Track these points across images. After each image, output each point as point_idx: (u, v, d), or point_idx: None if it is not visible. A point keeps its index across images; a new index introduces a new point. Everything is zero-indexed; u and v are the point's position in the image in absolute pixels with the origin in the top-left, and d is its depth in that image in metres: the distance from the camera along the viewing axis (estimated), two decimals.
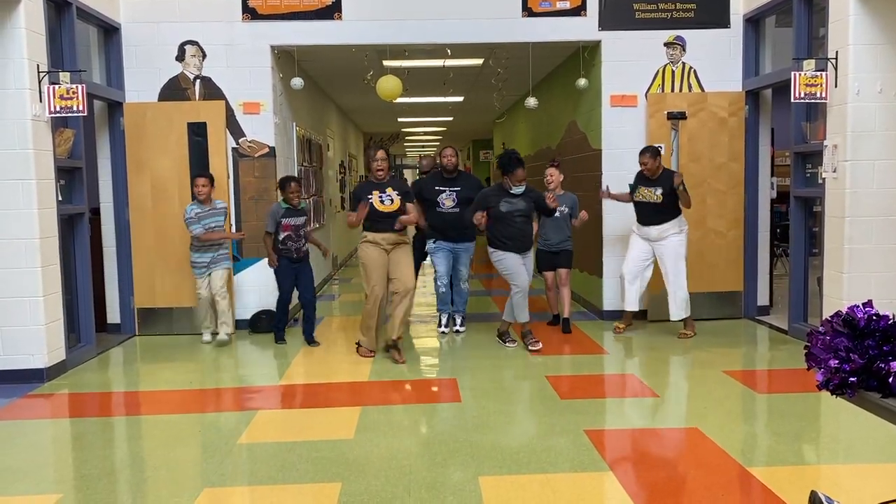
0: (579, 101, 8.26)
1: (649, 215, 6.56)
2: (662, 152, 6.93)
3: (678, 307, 6.62)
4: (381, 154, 6.18)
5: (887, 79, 5.63)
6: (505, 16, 7.20)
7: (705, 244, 7.30)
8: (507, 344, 6.44)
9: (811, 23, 6.35)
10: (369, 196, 6.02)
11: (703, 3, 7.21)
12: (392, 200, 6.03)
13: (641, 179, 6.60)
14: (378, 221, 6.01)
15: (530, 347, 6.27)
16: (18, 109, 5.46)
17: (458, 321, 7.29)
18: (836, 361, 2.05)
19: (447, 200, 6.91)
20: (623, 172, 7.35)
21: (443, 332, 7.14)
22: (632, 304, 6.80)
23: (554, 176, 7.18)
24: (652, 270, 6.75)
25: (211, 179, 6.71)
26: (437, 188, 6.92)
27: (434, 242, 7.01)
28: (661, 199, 6.45)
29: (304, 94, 8.79)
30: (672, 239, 6.54)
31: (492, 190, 6.49)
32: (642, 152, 6.53)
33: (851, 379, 2.03)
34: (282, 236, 6.55)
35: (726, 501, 3.34)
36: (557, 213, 6.96)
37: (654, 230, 6.57)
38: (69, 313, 6.09)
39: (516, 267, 6.23)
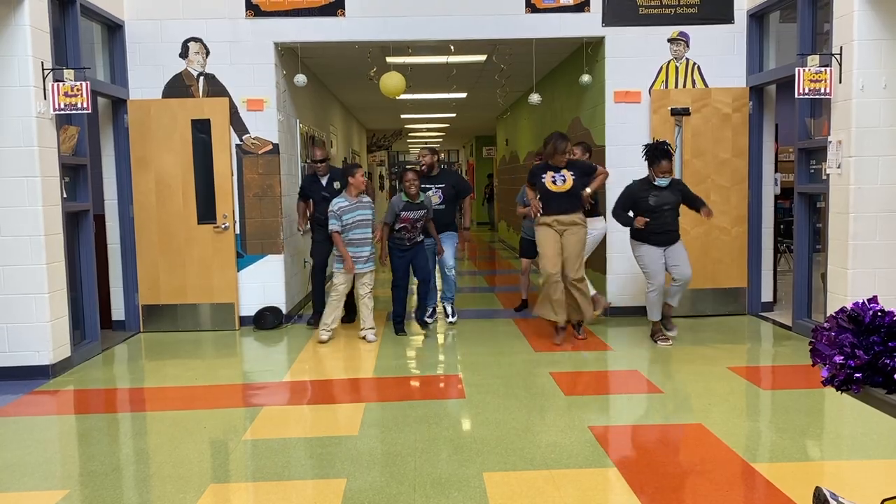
0: (583, 98, 8.25)
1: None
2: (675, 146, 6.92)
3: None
4: (569, 146, 6.37)
5: (892, 74, 5.61)
6: (508, 12, 7.19)
7: (709, 240, 7.29)
8: (660, 343, 6.35)
9: (815, 18, 6.33)
10: (543, 176, 6.25)
11: None
12: (565, 180, 6.20)
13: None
14: (551, 202, 6.20)
15: (660, 343, 6.29)
16: (23, 107, 5.47)
17: (449, 311, 7.41)
18: (841, 357, 2.05)
19: (434, 197, 7.10)
20: (626, 168, 7.34)
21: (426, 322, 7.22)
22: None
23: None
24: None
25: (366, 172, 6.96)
26: (423, 186, 6.99)
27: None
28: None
29: (307, 91, 8.79)
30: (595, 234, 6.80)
31: (637, 183, 6.36)
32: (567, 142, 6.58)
33: (856, 375, 2.02)
34: (398, 227, 6.63)
35: (731, 497, 3.34)
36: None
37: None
38: (74, 310, 6.11)
39: (655, 265, 6.19)
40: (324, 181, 7.21)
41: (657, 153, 6.16)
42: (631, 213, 6.28)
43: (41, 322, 5.59)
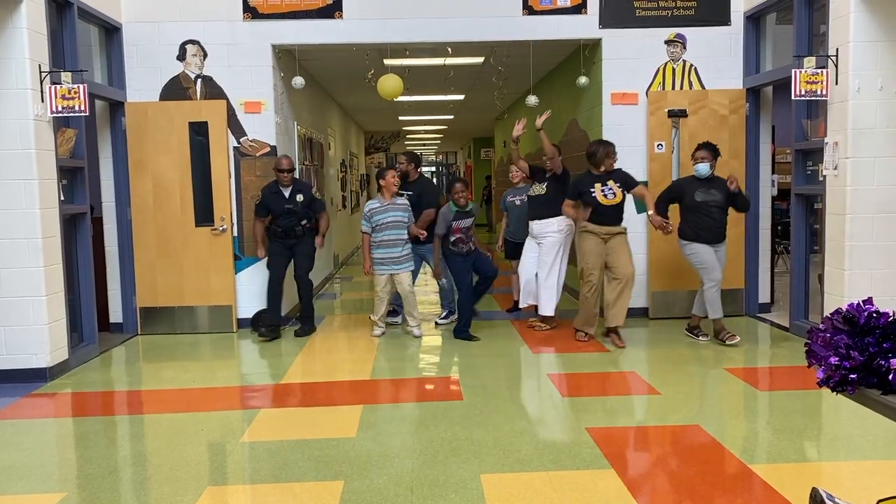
0: (580, 100, 8.27)
1: (534, 209, 6.96)
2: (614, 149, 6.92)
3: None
4: (612, 150, 6.41)
5: (888, 76, 5.63)
6: (505, 14, 7.21)
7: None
8: (700, 338, 6.38)
9: (812, 20, 6.35)
10: (591, 189, 6.29)
11: (703, 0, 7.21)
12: (615, 194, 6.27)
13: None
14: (602, 215, 6.28)
15: (728, 342, 6.21)
16: (20, 109, 5.47)
17: (444, 314, 7.53)
18: (837, 359, 2.06)
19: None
20: (624, 170, 7.35)
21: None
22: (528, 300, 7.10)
23: (518, 170, 7.26)
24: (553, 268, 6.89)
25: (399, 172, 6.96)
26: (399, 192, 7.07)
27: None
28: (545, 191, 6.82)
29: (305, 93, 8.80)
30: (550, 237, 6.83)
31: (684, 180, 6.41)
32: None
33: (852, 376, 2.03)
34: (453, 238, 6.60)
35: (728, 498, 3.34)
36: (518, 203, 7.35)
37: (535, 225, 6.92)
38: (72, 313, 6.10)
39: (711, 260, 6.16)
40: (286, 193, 6.90)
41: (698, 146, 6.30)
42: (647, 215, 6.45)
43: (39, 325, 5.59)
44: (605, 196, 6.27)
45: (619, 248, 6.32)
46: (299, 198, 6.93)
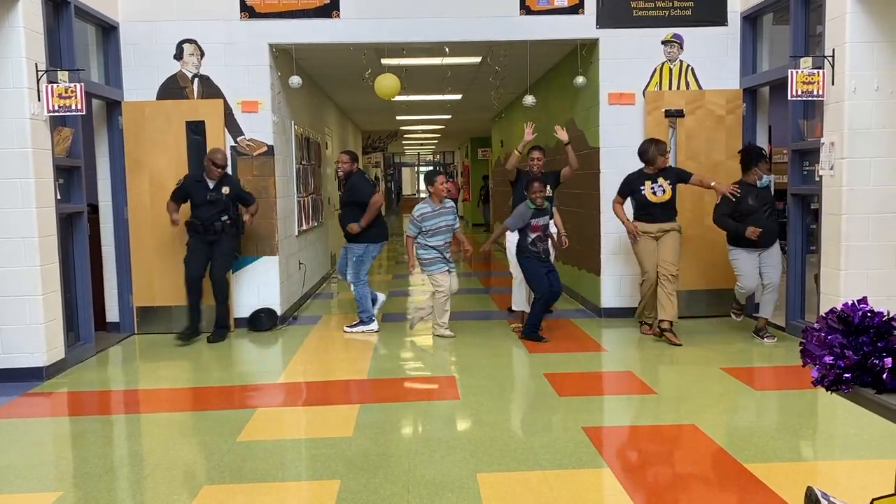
0: (577, 99, 8.27)
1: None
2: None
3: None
4: (663, 147, 6.49)
5: (884, 76, 5.64)
6: (503, 14, 7.21)
7: (703, 242, 7.30)
8: (766, 340, 6.43)
9: (808, 20, 6.36)
10: (642, 187, 6.37)
11: (700, 0, 7.22)
12: (665, 191, 6.36)
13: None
14: (651, 213, 6.40)
15: (765, 341, 6.41)
16: (17, 108, 5.46)
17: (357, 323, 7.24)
18: (831, 358, 2.06)
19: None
20: (621, 170, 7.35)
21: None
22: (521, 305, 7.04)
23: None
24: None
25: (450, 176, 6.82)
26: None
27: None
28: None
29: (302, 93, 8.80)
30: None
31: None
32: (536, 148, 7.06)
33: (846, 375, 2.04)
34: (531, 238, 6.50)
35: (723, 497, 3.35)
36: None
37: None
38: (68, 312, 6.09)
39: (745, 268, 6.31)
40: (211, 184, 6.70)
41: (754, 155, 6.32)
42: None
43: (35, 324, 5.58)
44: (655, 194, 6.40)
45: (665, 245, 6.42)
46: (225, 190, 6.70)
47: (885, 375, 1.99)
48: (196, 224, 6.71)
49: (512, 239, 6.84)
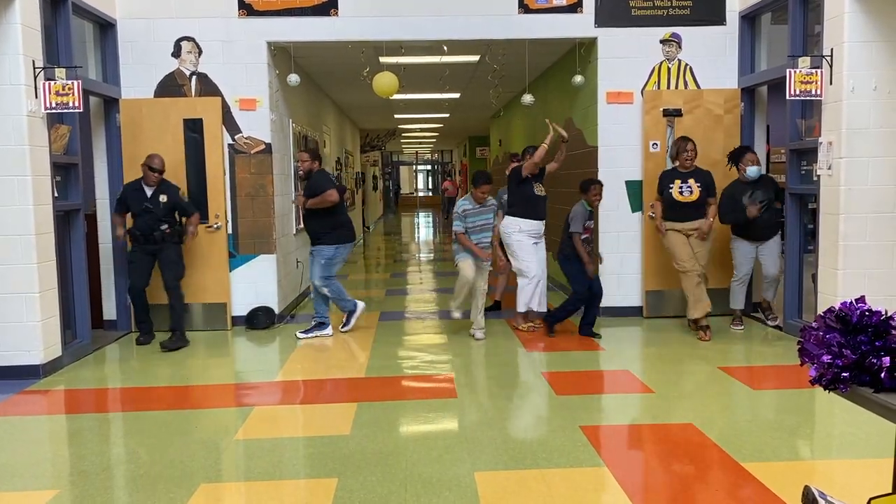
0: (575, 98, 8.27)
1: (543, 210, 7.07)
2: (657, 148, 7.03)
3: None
4: (690, 146, 6.60)
5: (882, 76, 5.64)
6: (501, 12, 7.20)
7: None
8: (769, 320, 6.84)
9: (806, 20, 6.36)
10: (671, 185, 6.55)
11: (699, 0, 7.22)
12: (692, 191, 6.52)
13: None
14: (678, 212, 6.57)
15: (732, 328, 6.81)
16: (14, 105, 5.45)
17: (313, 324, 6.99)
18: (829, 357, 2.06)
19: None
20: (619, 169, 7.38)
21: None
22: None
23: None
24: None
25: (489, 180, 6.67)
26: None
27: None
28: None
29: (300, 91, 8.79)
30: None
31: (731, 186, 6.66)
32: (526, 151, 7.25)
33: (844, 374, 2.04)
34: (584, 237, 6.50)
35: (721, 496, 3.35)
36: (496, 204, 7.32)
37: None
38: (65, 310, 6.08)
39: (740, 258, 6.72)
40: (149, 192, 6.52)
41: (737, 153, 6.63)
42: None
43: (32, 321, 5.57)
44: (682, 193, 6.55)
45: (696, 246, 6.58)
46: (162, 198, 6.52)
47: (882, 374, 1.99)
48: (136, 234, 6.56)
49: (509, 231, 6.86)
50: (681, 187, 6.54)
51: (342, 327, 7.06)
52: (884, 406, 1.95)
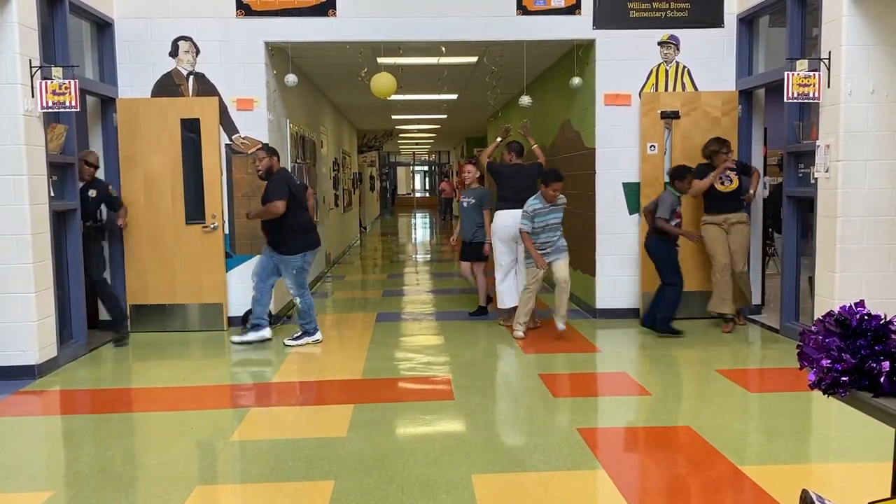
0: (573, 100, 8.27)
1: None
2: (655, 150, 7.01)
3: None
4: (727, 146, 6.76)
5: (880, 79, 5.65)
6: (499, 14, 7.20)
7: (698, 244, 7.30)
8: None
9: (804, 23, 6.37)
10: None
11: (697, 2, 7.22)
12: (732, 181, 6.65)
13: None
14: (718, 202, 6.75)
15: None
16: (10, 104, 5.43)
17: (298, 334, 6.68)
18: (829, 361, 2.06)
19: None
20: (616, 171, 7.37)
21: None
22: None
23: (470, 172, 7.67)
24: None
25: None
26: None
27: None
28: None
29: (297, 91, 8.77)
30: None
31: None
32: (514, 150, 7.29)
33: (843, 378, 2.03)
34: (673, 223, 6.61)
35: (718, 500, 3.35)
36: (466, 205, 7.55)
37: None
38: (61, 310, 6.06)
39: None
40: (81, 186, 6.45)
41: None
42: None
43: (27, 321, 5.55)
44: (722, 183, 6.71)
45: (735, 242, 6.76)
46: (91, 193, 6.54)
47: (882, 379, 1.98)
48: (87, 226, 6.61)
49: (505, 224, 6.88)
50: (721, 177, 6.70)
51: (288, 339, 6.57)
52: (883, 410, 1.94)
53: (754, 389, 5.21)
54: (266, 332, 6.64)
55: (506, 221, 6.90)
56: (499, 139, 7.42)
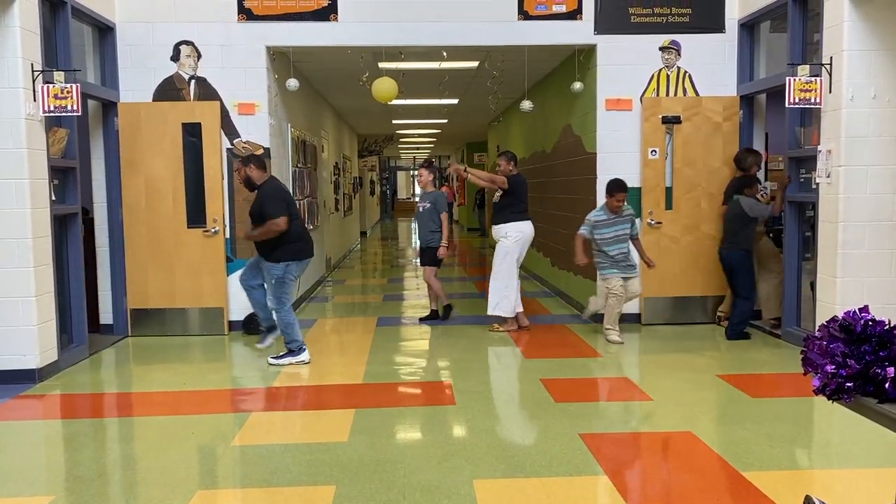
0: (574, 105, 8.27)
1: (493, 215, 7.28)
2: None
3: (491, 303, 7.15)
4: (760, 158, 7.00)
5: (881, 84, 5.65)
6: (501, 19, 7.20)
7: (699, 248, 7.31)
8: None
9: (805, 28, 6.37)
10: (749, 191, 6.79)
11: (698, 7, 7.23)
12: (768, 192, 6.86)
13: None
14: None
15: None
16: (12, 108, 5.43)
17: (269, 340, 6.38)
18: (833, 367, 2.05)
19: None
20: (617, 176, 7.34)
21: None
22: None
23: (423, 176, 7.75)
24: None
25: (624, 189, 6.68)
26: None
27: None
28: (498, 199, 7.19)
29: (299, 96, 8.78)
30: (501, 241, 7.12)
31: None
32: (501, 154, 7.40)
33: (848, 384, 2.02)
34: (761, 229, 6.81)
35: None
36: (421, 209, 7.65)
37: (494, 230, 7.26)
38: (62, 314, 6.05)
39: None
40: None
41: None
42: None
43: (28, 325, 5.54)
44: (764, 195, 6.91)
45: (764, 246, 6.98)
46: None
47: (887, 385, 1.97)
48: None
49: (532, 233, 7.05)
50: (761, 191, 6.89)
51: (272, 357, 6.09)
52: (888, 416, 1.93)
53: (755, 395, 5.19)
54: (305, 356, 6.07)
55: (532, 230, 7.21)
56: (456, 176, 7.47)
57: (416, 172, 8.78)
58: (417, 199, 7.79)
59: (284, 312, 6.02)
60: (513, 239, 7.07)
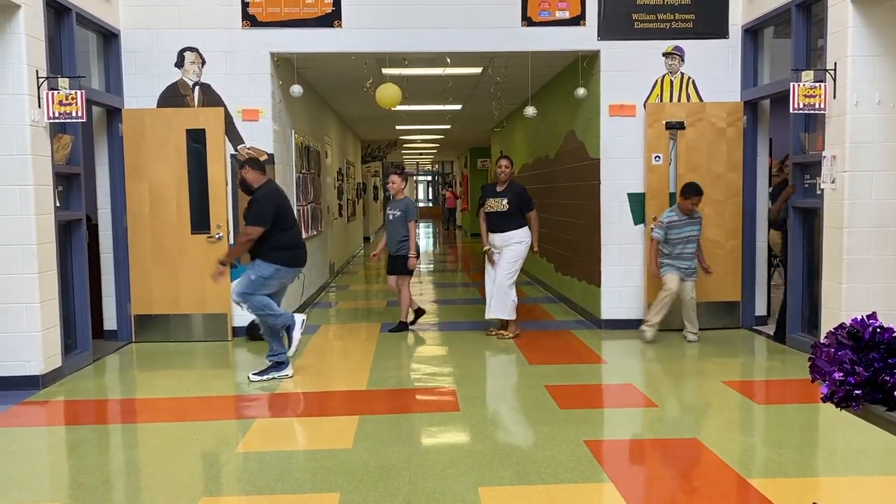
0: (578, 111, 8.27)
1: (495, 223, 7.17)
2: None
3: (496, 307, 7.10)
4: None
5: (885, 90, 5.64)
6: (504, 25, 7.21)
7: (704, 254, 7.28)
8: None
9: (810, 34, 6.37)
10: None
11: (702, 13, 7.23)
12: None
13: (489, 191, 7.28)
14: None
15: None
16: (17, 115, 5.44)
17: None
18: (841, 374, 2.04)
19: None
20: (621, 182, 7.36)
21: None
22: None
23: (395, 182, 7.70)
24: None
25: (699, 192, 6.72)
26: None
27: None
28: (506, 207, 7.07)
29: (303, 102, 8.79)
30: (513, 247, 7.05)
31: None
32: (502, 157, 7.39)
33: (856, 392, 2.01)
34: None
35: None
36: (391, 217, 7.58)
37: (498, 237, 7.14)
38: (66, 320, 6.05)
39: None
40: None
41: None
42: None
43: (32, 332, 5.54)
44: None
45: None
46: None
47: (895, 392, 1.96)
48: None
49: (525, 239, 7.03)
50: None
51: (253, 373, 5.73)
52: None
53: (761, 401, 5.18)
54: (287, 371, 5.79)
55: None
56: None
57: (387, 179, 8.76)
58: (388, 207, 7.71)
59: (252, 304, 5.60)
60: (524, 245, 7.09)
